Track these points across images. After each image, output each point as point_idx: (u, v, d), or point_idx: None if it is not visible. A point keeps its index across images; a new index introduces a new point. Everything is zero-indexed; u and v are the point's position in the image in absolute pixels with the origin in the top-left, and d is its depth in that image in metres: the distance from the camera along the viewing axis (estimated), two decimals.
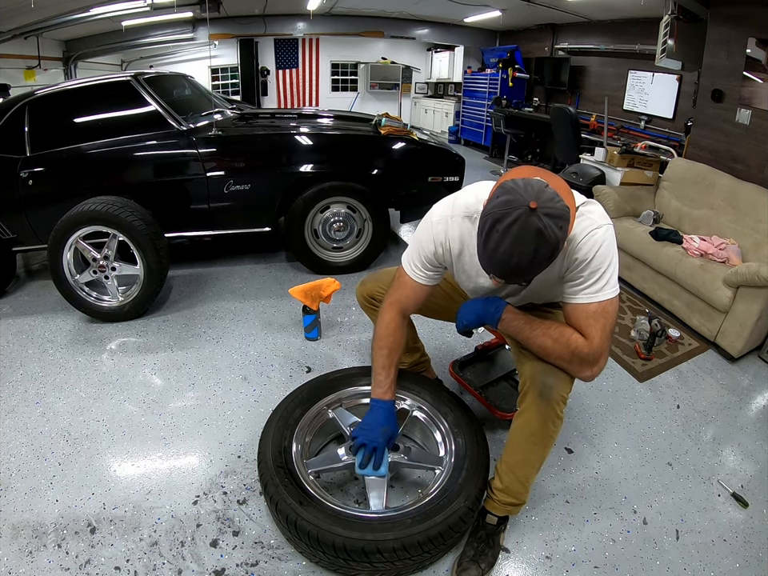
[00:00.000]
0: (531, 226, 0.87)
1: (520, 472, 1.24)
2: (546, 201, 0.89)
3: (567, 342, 1.08)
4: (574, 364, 1.10)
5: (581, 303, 1.07)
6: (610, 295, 1.06)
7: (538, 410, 1.15)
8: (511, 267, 0.92)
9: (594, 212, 1.08)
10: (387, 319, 1.34)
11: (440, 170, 2.92)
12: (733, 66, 2.99)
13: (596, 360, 1.08)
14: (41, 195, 2.52)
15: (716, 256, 2.45)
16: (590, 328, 1.06)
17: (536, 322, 1.14)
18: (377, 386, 1.34)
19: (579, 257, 1.05)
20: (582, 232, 1.05)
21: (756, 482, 1.61)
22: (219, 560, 1.29)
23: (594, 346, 1.06)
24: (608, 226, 1.07)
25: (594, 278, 1.05)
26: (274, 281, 2.91)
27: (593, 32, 5.67)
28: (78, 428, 1.74)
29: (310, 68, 8.73)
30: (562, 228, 0.90)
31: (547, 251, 0.90)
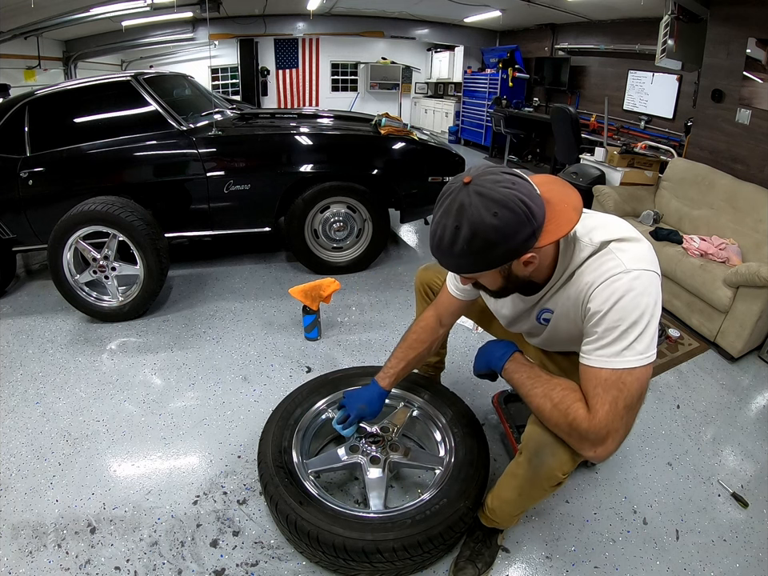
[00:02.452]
0: (457, 200, 0.81)
1: (505, 507, 1.18)
2: (485, 180, 0.81)
3: (566, 410, 0.89)
4: (573, 438, 0.91)
5: (591, 366, 0.88)
6: (631, 364, 0.84)
7: (525, 475, 1.05)
8: (436, 242, 0.86)
9: (627, 251, 0.87)
10: (423, 317, 1.36)
11: (440, 170, 2.92)
12: (733, 66, 2.99)
13: (599, 439, 0.86)
14: (41, 195, 2.52)
15: (716, 256, 2.45)
16: (596, 398, 0.86)
17: (541, 379, 0.97)
18: (382, 370, 1.37)
19: (593, 307, 0.88)
20: (600, 276, 0.87)
21: (756, 482, 1.61)
22: (219, 560, 1.29)
23: (596, 421, 0.85)
24: (641, 272, 0.85)
25: (610, 337, 0.85)
26: (274, 281, 2.91)
27: (593, 32, 5.67)
28: (77, 428, 1.74)
29: (310, 68, 8.73)
30: (496, 215, 0.79)
31: (469, 233, 0.80)
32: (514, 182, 0.82)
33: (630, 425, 0.88)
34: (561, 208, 0.86)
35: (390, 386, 1.37)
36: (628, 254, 0.87)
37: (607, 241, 0.90)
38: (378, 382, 1.36)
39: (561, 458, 0.97)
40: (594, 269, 0.89)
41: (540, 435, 1.00)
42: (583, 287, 0.91)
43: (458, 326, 2.40)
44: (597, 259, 0.90)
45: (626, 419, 0.86)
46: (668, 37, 3.21)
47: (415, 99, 9.53)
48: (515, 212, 0.79)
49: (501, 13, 6.18)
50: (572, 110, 4.53)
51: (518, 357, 1.05)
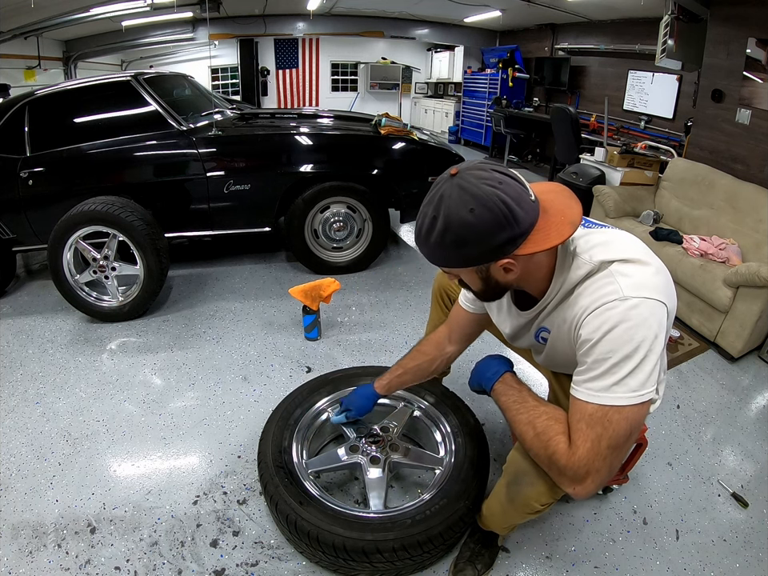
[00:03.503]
0: (440, 190, 0.80)
1: (494, 519, 1.19)
2: (470, 175, 0.78)
3: (548, 441, 0.84)
4: (552, 471, 0.86)
5: (578, 399, 0.82)
6: (621, 401, 0.77)
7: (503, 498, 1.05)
8: (416, 230, 0.85)
9: (628, 276, 0.80)
10: (434, 332, 1.36)
11: (440, 170, 2.86)
12: (733, 66, 2.99)
13: (578, 477, 0.80)
14: (41, 195, 2.52)
15: (716, 256, 2.45)
16: (578, 434, 0.80)
17: (528, 405, 0.92)
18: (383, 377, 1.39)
19: (584, 334, 0.82)
20: (595, 301, 0.81)
21: (756, 482, 1.61)
22: (219, 560, 1.29)
23: (575, 458, 0.80)
24: (641, 301, 0.77)
25: (599, 369, 0.79)
26: (274, 281, 2.91)
27: (593, 32, 5.67)
28: (78, 428, 1.74)
29: (310, 68, 8.73)
30: (472, 211, 0.75)
31: (443, 225, 0.78)
32: (501, 180, 0.77)
33: (614, 466, 0.81)
34: (556, 220, 0.80)
35: (382, 390, 1.38)
36: (630, 279, 0.79)
37: (608, 261, 0.83)
38: (373, 383, 1.40)
39: (538, 489, 0.94)
40: (591, 292, 0.83)
41: (520, 462, 0.97)
42: (578, 311, 0.84)
43: None
44: (595, 281, 0.83)
45: (609, 459, 0.79)
46: (668, 37, 3.21)
47: (415, 99, 9.53)
48: (493, 212, 0.75)
49: (501, 13, 6.18)
50: (572, 110, 4.53)
51: (507, 378, 1.00)
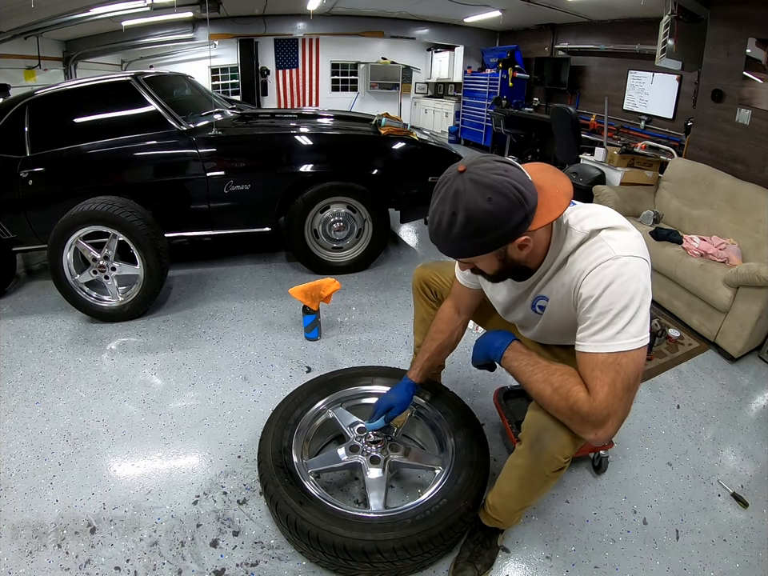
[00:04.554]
0: (452, 187, 0.87)
1: (507, 502, 1.19)
2: (478, 168, 0.86)
3: (567, 393, 0.92)
4: (574, 421, 0.93)
5: (587, 352, 0.91)
6: (626, 346, 0.87)
7: (526, 462, 1.06)
8: (434, 229, 0.91)
9: (616, 239, 0.91)
10: (441, 309, 1.42)
11: (440, 170, 2.83)
12: (733, 66, 2.99)
13: (600, 421, 0.88)
14: (41, 195, 2.52)
15: (716, 256, 2.45)
16: (594, 381, 0.88)
17: (540, 365, 0.99)
18: (412, 366, 1.45)
19: (585, 292, 0.92)
20: (591, 262, 0.91)
21: (756, 482, 1.61)
22: (219, 560, 1.29)
23: (597, 403, 0.87)
24: (629, 258, 0.89)
25: (603, 321, 0.89)
26: (274, 281, 2.91)
27: (593, 32, 5.67)
28: (78, 428, 1.74)
29: (310, 68, 8.73)
30: (490, 200, 0.83)
31: (464, 218, 0.85)
32: (506, 169, 0.87)
33: (628, 407, 0.90)
34: (552, 193, 0.91)
35: (418, 377, 1.43)
36: (617, 241, 0.91)
37: (597, 229, 0.94)
38: (407, 375, 1.44)
39: (562, 441, 0.99)
40: (586, 256, 0.93)
41: (541, 420, 1.01)
42: (575, 274, 0.95)
43: None
44: (588, 247, 0.94)
45: (624, 400, 0.89)
46: (668, 37, 3.21)
47: (415, 99, 9.53)
48: (508, 197, 0.84)
49: (501, 13, 6.18)
50: (572, 110, 4.53)
51: (516, 345, 1.07)
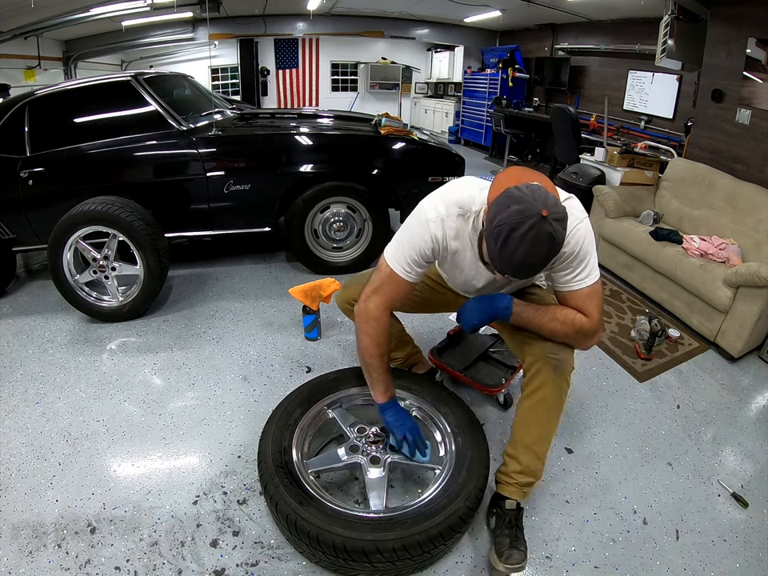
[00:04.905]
0: (544, 232, 0.97)
1: (539, 448, 1.31)
2: (552, 206, 0.99)
3: (573, 322, 1.22)
4: (578, 339, 1.26)
5: (576, 290, 1.21)
6: (596, 279, 1.22)
7: (554, 384, 1.27)
8: (526, 268, 1.04)
9: (574, 207, 1.18)
10: (383, 324, 1.36)
11: (440, 170, 2.92)
12: (733, 66, 2.98)
13: (596, 332, 1.24)
14: (41, 195, 2.51)
15: (716, 256, 2.45)
16: (588, 307, 1.22)
17: (542, 310, 1.26)
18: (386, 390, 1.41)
19: (568, 250, 1.16)
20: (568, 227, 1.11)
21: (756, 482, 1.61)
22: (219, 560, 1.29)
23: (595, 321, 1.22)
24: (586, 218, 1.20)
25: (582, 266, 1.19)
26: (274, 281, 2.91)
27: (593, 32, 5.67)
28: (78, 428, 1.74)
29: (310, 68, 8.73)
30: (565, 227, 1.03)
31: (556, 251, 1.03)
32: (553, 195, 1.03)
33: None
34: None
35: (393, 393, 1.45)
36: (575, 209, 1.18)
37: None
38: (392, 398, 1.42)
39: (571, 355, 1.30)
40: None
41: (552, 346, 1.28)
42: None
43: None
44: None
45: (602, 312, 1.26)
46: (668, 37, 3.21)
47: (415, 99, 9.52)
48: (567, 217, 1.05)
49: (501, 13, 6.18)
50: (572, 109, 4.53)
51: (517, 301, 1.27)
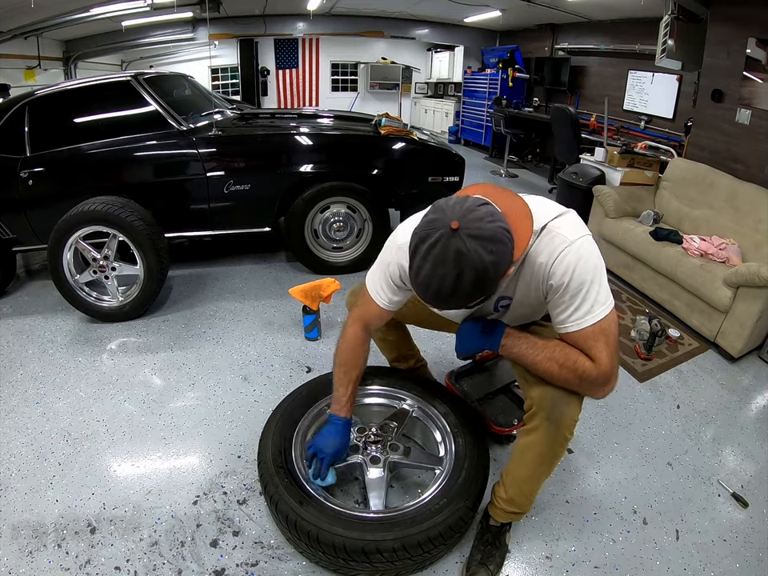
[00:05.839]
0: (451, 247, 0.81)
1: (525, 486, 1.22)
2: (471, 221, 0.82)
3: (574, 366, 1.00)
4: (583, 387, 1.03)
5: (574, 331, 0.99)
6: (603, 314, 0.97)
7: (546, 433, 1.10)
8: (433, 292, 0.85)
9: (563, 226, 0.98)
10: (349, 334, 1.31)
11: (440, 170, 2.92)
12: (733, 66, 2.98)
13: (606, 380, 1.00)
14: (41, 195, 2.51)
15: (716, 256, 2.45)
16: (592, 350, 0.98)
17: (539, 345, 1.05)
18: (335, 402, 1.33)
19: (554, 282, 0.98)
20: (552, 254, 0.97)
21: (756, 482, 1.61)
22: (219, 560, 1.29)
23: (603, 367, 0.98)
24: (582, 239, 0.97)
25: (577, 301, 0.97)
26: (274, 281, 2.91)
27: (593, 32, 5.67)
28: (77, 428, 1.74)
29: (310, 68, 8.73)
30: (492, 252, 0.82)
31: (472, 276, 0.82)
32: (491, 213, 0.86)
33: (619, 359, 1.04)
34: (515, 216, 0.92)
35: (350, 413, 1.34)
36: (565, 227, 0.98)
37: (543, 224, 0.99)
38: (336, 413, 1.32)
39: (574, 405, 1.08)
40: (543, 249, 0.98)
41: (551, 392, 1.08)
42: (539, 268, 1.00)
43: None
44: (542, 241, 0.99)
45: (617, 355, 1.01)
46: (668, 37, 3.21)
47: (415, 99, 9.53)
48: (504, 242, 0.85)
49: (501, 13, 6.18)
50: (572, 110, 4.54)
51: (510, 332, 1.11)
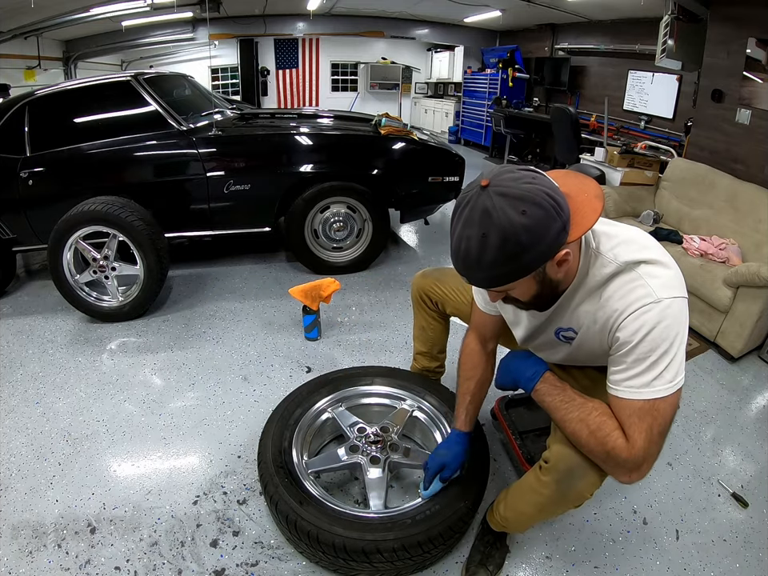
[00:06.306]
0: (478, 206, 0.75)
1: (522, 519, 1.17)
2: (504, 180, 0.75)
3: (605, 438, 0.86)
4: (608, 465, 0.89)
5: (623, 398, 0.85)
6: (662, 393, 0.82)
7: (551, 495, 1.01)
8: (461, 257, 0.79)
9: (657, 277, 0.83)
10: (466, 345, 1.29)
11: (440, 170, 2.92)
12: (733, 66, 2.99)
13: (636, 466, 0.85)
14: (41, 195, 2.52)
15: (716, 256, 2.45)
16: (632, 428, 0.84)
17: (575, 403, 0.93)
18: (457, 418, 1.30)
19: (622, 337, 0.84)
20: (631, 305, 0.83)
21: (756, 482, 1.61)
22: (219, 560, 1.29)
23: (635, 450, 0.83)
24: (672, 300, 0.81)
25: (640, 367, 0.83)
26: (274, 281, 2.91)
27: (593, 32, 5.67)
28: (77, 428, 1.74)
29: (310, 68, 8.74)
30: (525, 213, 0.73)
31: (498, 238, 0.74)
32: (533, 176, 0.77)
33: (662, 448, 0.87)
34: (582, 198, 0.81)
35: (466, 425, 1.28)
36: (658, 280, 0.83)
37: (634, 262, 0.85)
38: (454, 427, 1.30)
39: (590, 480, 0.96)
40: (623, 295, 0.85)
41: (570, 457, 0.97)
42: (611, 313, 0.87)
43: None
44: (625, 284, 0.85)
45: (659, 444, 0.85)
46: (668, 37, 3.21)
47: (415, 99, 9.53)
48: (543, 207, 0.74)
49: (501, 13, 6.19)
50: (572, 110, 4.54)
51: (549, 377, 1.00)
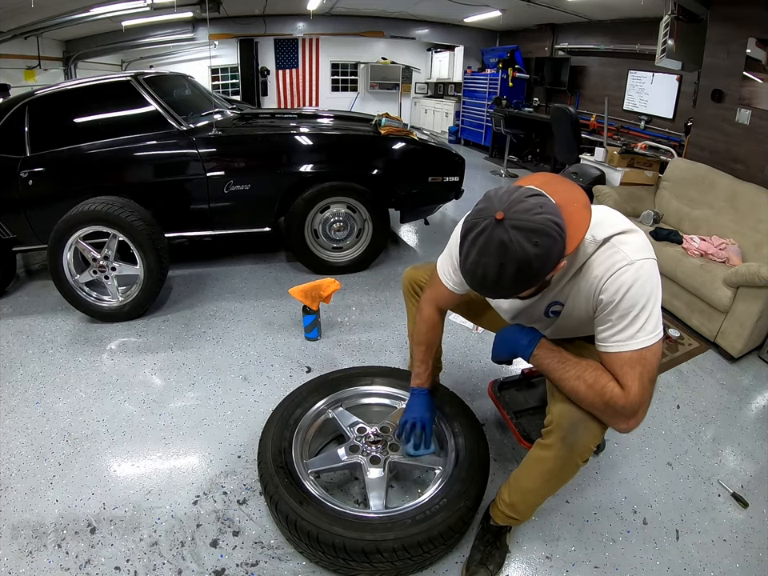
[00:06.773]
0: (494, 238, 0.82)
1: (528, 497, 1.20)
2: (517, 212, 0.82)
3: (602, 389, 0.96)
4: (607, 414, 0.99)
5: (613, 352, 0.96)
6: (647, 342, 0.94)
7: (558, 454, 1.07)
8: (478, 280, 0.88)
9: (629, 243, 0.95)
10: (425, 315, 1.38)
11: (440, 170, 2.92)
12: (733, 66, 2.99)
13: (633, 412, 0.95)
14: (41, 195, 2.52)
15: (716, 256, 2.45)
16: (625, 377, 0.95)
17: (571, 362, 1.02)
18: (416, 377, 1.41)
19: (605, 298, 0.95)
20: (609, 269, 0.95)
21: (756, 482, 1.61)
22: (219, 560, 1.29)
23: (631, 397, 0.94)
24: (643, 261, 0.94)
25: (624, 322, 0.94)
26: (274, 281, 2.91)
27: (593, 32, 5.67)
28: (77, 428, 1.74)
29: (310, 68, 8.74)
30: (537, 244, 0.81)
31: (514, 268, 0.83)
32: (541, 204, 0.85)
33: (652, 395, 0.98)
34: (572, 209, 0.90)
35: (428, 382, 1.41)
36: (629, 246, 0.95)
37: (609, 236, 0.96)
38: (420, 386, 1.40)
39: (593, 431, 1.04)
40: (601, 262, 0.96)
41: (572, 412, 1.04)
42: (593, 280, 0.98)
43: (458, 327, 2.40)
44: (603, 252, 0.97)
45: (650, 390, 0.97)
46: (668, 37, 3.21)
47: (415, 99, 9.53)
48: (552, 236, 0.83)
49: (501, 13, 6.19)
50: (572, 110, 4.54)
51: (544, 343, 1.08)
